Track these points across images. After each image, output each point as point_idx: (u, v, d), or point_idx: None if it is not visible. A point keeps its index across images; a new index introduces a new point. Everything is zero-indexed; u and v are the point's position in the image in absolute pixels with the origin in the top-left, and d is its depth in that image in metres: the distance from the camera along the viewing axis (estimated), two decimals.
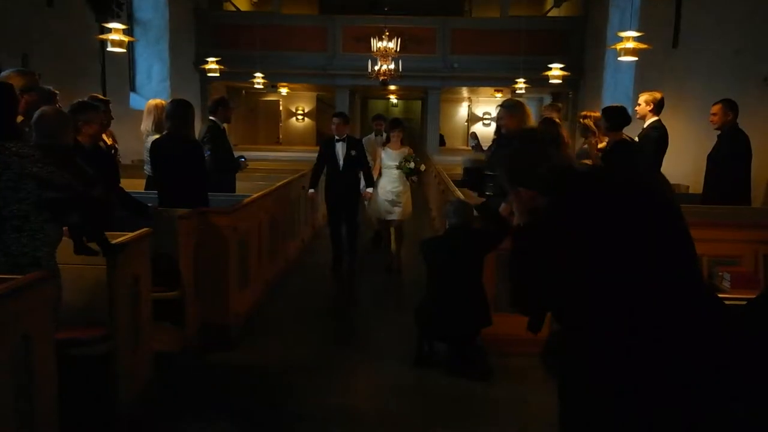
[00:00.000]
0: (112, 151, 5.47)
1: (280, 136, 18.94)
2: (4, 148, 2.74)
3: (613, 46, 7.87)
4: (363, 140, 7.43)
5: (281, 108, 19.05)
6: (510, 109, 4.71)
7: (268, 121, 18.92)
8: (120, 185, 4.37)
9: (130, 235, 3.44)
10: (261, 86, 12.65)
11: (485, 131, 16.92)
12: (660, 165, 5.46)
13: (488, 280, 4.30)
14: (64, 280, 3.34)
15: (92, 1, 8.63)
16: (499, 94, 16.39)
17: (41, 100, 3.66)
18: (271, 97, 18.31)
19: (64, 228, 3.07)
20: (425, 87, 14.83)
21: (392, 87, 15.52)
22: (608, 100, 11.66)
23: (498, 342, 4.34)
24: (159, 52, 11.64)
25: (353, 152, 6.40)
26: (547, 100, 16.89)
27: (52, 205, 2.83)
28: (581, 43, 13.42)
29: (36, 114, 3.16)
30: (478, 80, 14.54)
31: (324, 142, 6.72)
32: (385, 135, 7.35)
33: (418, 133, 17.44)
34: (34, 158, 2.77)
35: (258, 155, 10.33)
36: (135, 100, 10.58)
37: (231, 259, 4.66)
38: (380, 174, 6.73)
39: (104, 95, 9.23)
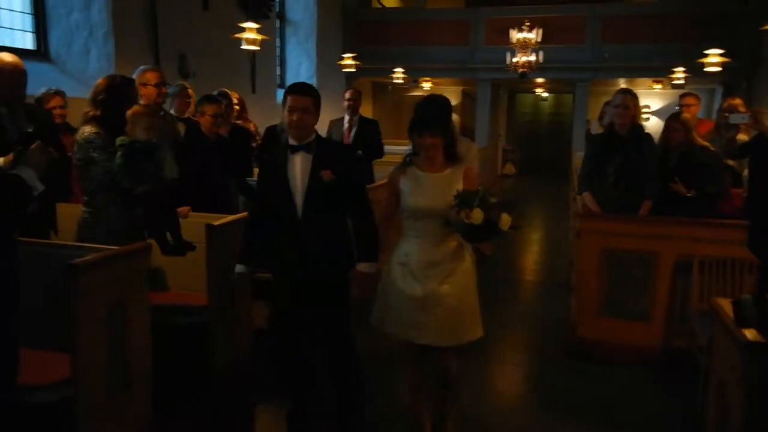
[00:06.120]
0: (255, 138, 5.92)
1: None
2: (81, 132, 3.10)
3: None
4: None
5: None
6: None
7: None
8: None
9: (230, 217, 3.69)
10: (401, 81, 12.86)
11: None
12: None
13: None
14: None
15: (244, 3, 9.35)
16: (658, 86, 15.09)
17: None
18: (417, 92, 18.51)
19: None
20: (572, 79, 14.09)
21: (540, 80, 14.94)
22: None
23: (603, 348, 4.05)
24: (307, 50, 12.28)
25: (325, 177, 2.82)
26: (719, 91, 15.22)
27: (123, 192, 3.11)
28: (755, 26, 11.87)
29: None
30: (630, 70, 13.48)
31: (270, 152, 3.54)
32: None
33: (568, 130, 16.61)
34: (94, 145, 3.08)
35: (403, 149, 10.53)
36: (281, 96, 11.28)
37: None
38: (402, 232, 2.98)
39: (253, 91, 10.04)
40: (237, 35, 7.83)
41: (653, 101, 16.35)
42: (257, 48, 7.85)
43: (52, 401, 2.55)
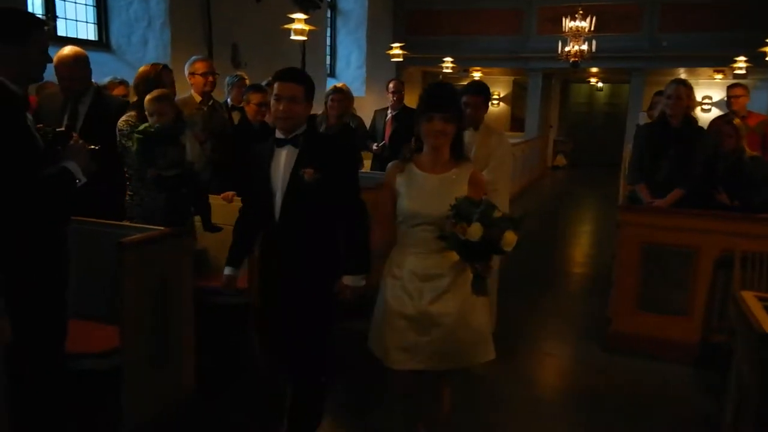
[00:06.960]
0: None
1: None
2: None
3: None
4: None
5: None
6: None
7: None
8: None
9: None
10: (450, 71, 12.82)
11: (703, 117, 15.08)
12: None
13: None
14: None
15: None
16: (719, 76, 14.49)
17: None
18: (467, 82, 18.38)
19: None
20: (627, 68, 13.70)
21: (594, 69, 14.58)
22: None
23: (640, 342, 4.01)
24: (357, 40, 12.40)
25: (306, 176, 2.49)
26: None
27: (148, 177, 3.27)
28: None
29: None
30: (689, 60, 13.00)
31: (254, 146, 2.72)
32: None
33: (624, 121, 16.14)
34: (123, 133, 3.26)
35: None
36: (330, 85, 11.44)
37: (374, 233, 4.88)
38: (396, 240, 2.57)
39: None
40: (286, 26, 8.00)
41: (714, 92, 15.73)
42: (305, 38, 8.00)
43: (99, 368, 2.75)
